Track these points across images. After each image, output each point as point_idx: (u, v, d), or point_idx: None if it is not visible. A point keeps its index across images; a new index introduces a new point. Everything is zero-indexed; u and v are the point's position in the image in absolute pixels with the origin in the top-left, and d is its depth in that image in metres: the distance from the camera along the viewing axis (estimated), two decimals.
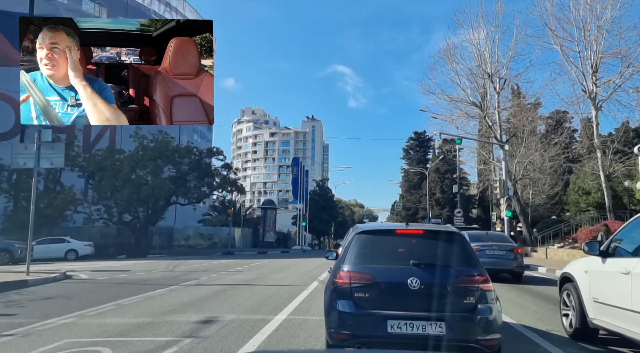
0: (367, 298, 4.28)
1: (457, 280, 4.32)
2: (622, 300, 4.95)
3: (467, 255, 4.61)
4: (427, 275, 4.28)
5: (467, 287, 4.31)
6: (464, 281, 4.34)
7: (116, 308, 8.30)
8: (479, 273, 4.40)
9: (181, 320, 7.14)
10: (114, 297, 9.69)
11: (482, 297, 4.28)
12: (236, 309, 8.21)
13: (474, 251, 4.81)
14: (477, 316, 4.19)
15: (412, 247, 4.70)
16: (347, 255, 4.63)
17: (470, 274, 4.39)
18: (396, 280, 4.30)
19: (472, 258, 4.60)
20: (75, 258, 27.13)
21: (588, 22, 24.67)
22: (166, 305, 8.63)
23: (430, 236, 4.97)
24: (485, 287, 4.34)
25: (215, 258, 26.05)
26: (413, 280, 4.21)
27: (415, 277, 4.22)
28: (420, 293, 4.19)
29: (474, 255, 4.68)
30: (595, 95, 24.69)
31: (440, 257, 4.47)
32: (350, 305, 4.27)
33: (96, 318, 7.31)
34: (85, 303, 8.77)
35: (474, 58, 29.40)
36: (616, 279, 5.10)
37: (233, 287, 11.69)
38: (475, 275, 4.38)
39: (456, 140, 27.77)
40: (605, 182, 24.72)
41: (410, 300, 4.20)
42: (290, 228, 66.49)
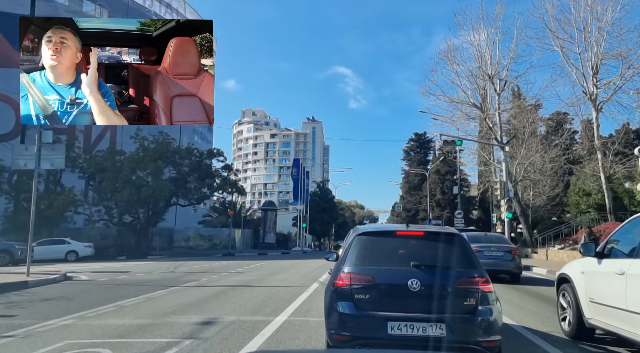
0: (368, 299, 4.29)
1: (458, 281, 4.33)
2: (616, 300, 5.03)
3: (468, 256, 4.63)
4: (428, 277, 4.29)
5: (467, 289, 4.32)
6: (464, 282, 4.35)
7: (116, 310, 8.29)
8: (479, 275, 4.41)
9: (181, 321, 7.14)
10: (114, 298, 9.69)
11: (483, 298, 4.29)
12: (236, 310, 8.21)
13: (474, 252, 4.82)
14: (478, 317, 4.20)
15: (413, 249, 4.71)
16: (348, 256, 4.64)
17: (471, 275, 4.40)
18: (396, 282, 4.32)
19: (472, 260, 4.61)
20: (76, 259, 27.12)
21: (588, 23, 24.76)
22: (166, 306, 8.63)
23: (431, 237, 4.98)
24: (485, 289, 4.34)
25: (215, 260, 26.05)
26: (413, 281, 4.22)
27: (415, 279, 4.23)
28: (420, 294, 4.20)
29: (474, 257, 4.70)
30: (596, 97, 24.72)
31: (440, 259, 4.48)
32: (350, 307, 4.29)
33: (96, 320, 7.31)
34: (85, 305, 8.77)
35: (474, 59, 29.47)
36: (611, 280, 5.18)
37: (233, 288, 11.68)
38: (476, 276, 4.39)
39: (457, 141, 27.75)
40: (605, 183, 24.72)
41: (411, 301, 4.21)
42: (291, 229, 66.44)
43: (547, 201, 36.91)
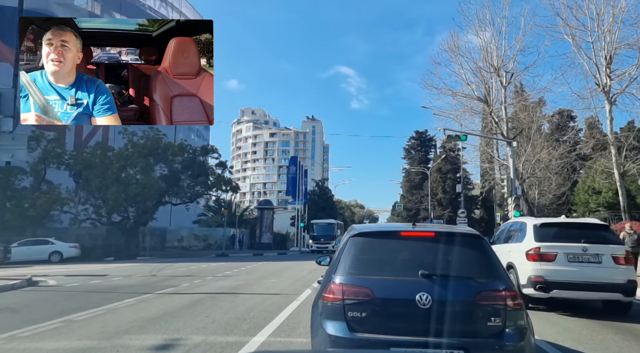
0: (365, 319, 3.46)
1: (479, 295, 3.47)
2: None
3: (491, 264, 3.76)
4: (440, 290, 3.46)
5: (491, 305, 3.46)
6: (487, 297, 3.48)
7: (62, 326, 6.86)
8: (506, 288, 3.54)
9: (133, 345, 5.73)
10: (70, 309, 8.28)
11: (511, 317, 3.44)
12: (207, 327, 6.79)
13: (498, 259, 3.89)
14: (505, 342, 3.35)
15: (421, 254, 3.82)
16: (340, 263, 3.77)
17: (495, 288, 3.53)
18: (401, 296, 3.49)
19: (496, 269, 3.74)
20: (60, 260, 25.75)
21: (602, 11, 23.25)
22: (125, 322, 7.20)
23: (444, 240, 3.96)
24: (514, 305, 3.48)
25: (206, 261, 24.57)
26: (422, 295, 3.41)
27: (425, 292, 3.43)
28: (431, 312, 3.37)
29: (499, 265, 3.81)
30: (609, 89, 23.26)
31: (456, 267, 3.64)
32: (342, 328, 3.45)
33: (27, 342, 5.89)
34: (28, 319, 7.34)
35: (479, 51, 28.03)
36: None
37: (213, 296, 10.25)
38: (502, 289, 3.52)
39: (461, 136, 26.27)
40: (620, 180, 23.29)
41: (419, 321, 3.36)
42: (289, 229, 64.89)
43: (554, 200, 35.67)
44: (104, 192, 29.76)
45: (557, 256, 8.40)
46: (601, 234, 8.68)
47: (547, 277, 8.33)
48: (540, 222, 9.12)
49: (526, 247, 8.81)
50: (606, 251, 8.32)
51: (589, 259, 8.32)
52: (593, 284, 8.18)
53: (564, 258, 8.36)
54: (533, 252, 8.60)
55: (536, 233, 8.81)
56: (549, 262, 8.42)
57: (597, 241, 8.42)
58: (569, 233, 8.72)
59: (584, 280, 8.18)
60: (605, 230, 8.96)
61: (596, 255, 8.31)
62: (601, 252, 8.31)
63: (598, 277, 8.20)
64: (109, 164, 30.81)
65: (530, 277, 8.46)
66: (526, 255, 8.70)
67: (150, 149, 32.30)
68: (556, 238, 8.64)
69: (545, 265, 8.42)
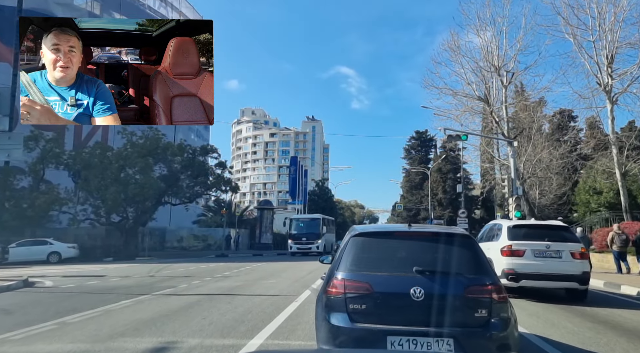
0: (364, 310, 3.83)
1: (467, 289, 3.86)
2: None
3: (479, 261, 4.14)
4: (433, 284, 3.83)
5: (478, 298, 3.85)
6: (475, 291, 3.88)
7: (55, 329, 6.72)
8: (492, 283, 3.95)
9: (128, 347, 5.60)
10: (64, 311, 8.15)
11: (496, 309, 3.83)
12: (204, 330, 6.66)
13: (486, 257, 4.31)
14: (490, 331, 3.73)
15: (416, 252, 4.22)
16: (342, 260, 4.15)
17: (482, 283, 3.93)
18: (397, 290, 3.86)
19: (484, 265, 4.12)
20: (58, 261, 25.62)
21: (604, 10, 23.13)
22: (120, 324, 7.06)
23: (436, 239, 4.44)
24: (499, 298, 3.87)
25: (205, 262, 24.43)
26: (416, 289, 3.77)
27: (419, 287, 3.78)
28: (424, 305, 3.73)
29: (486, 262, 4.20)
30: (611, 88, 23.13)
31: (447, 264, 4.00)
32: (344, 319, 3.82)
33: (19, 345, 5.76)
34: (21, 321, 7.20)
35: (479, 50, 27.90)
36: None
37: (211, 297, 10.11)
38: (488, 284, 3.92)
39: (462, 136, 26.12)
40: (621, 180, 23.15)
41: (414, 313, 3.74)
42: None
43: (555, 200, 35.51)
44: (103, 192, 29.61)
45: (525, 252, 10.05)
46: (562, 234, 10.35)
47: (517, 269, 9.96)
48: (513, 224, 10.97)
49: (501, 245, 10.36)
50: (565, 248, 9.96)
51: (552, 254, 9.96)
52: (554, 275, 9.84)
53: (531, 254, 10.02)
54: (506, 248, 10.19)
55: (509, 233, 10.43)
56: (519, 257, 10.06)
57: (558, 240, 10.06)
58: (536, 233, 10.38)
59: (547, 272, 9.84)
60: (565, 231, 10.66)
61: (557, 251, 9.95)
62: (561, 248, 9.95)
63: (558, 269, 9.84)
64: (108, 163, 30.68)
65: (504, 269, 9.94)
66: (501, 251, 10.24)
67: (150, 148, 32.15)
68: (525, 237, 10.27)
69: (516, 259, 10.04)
